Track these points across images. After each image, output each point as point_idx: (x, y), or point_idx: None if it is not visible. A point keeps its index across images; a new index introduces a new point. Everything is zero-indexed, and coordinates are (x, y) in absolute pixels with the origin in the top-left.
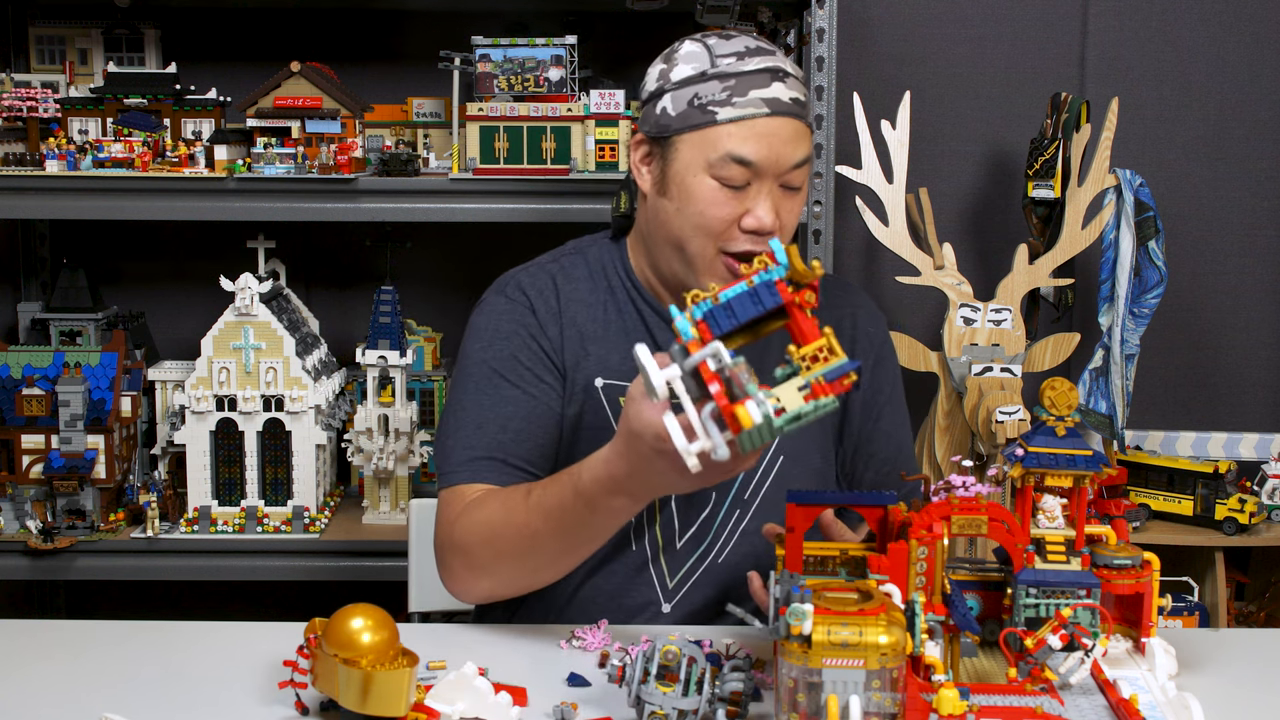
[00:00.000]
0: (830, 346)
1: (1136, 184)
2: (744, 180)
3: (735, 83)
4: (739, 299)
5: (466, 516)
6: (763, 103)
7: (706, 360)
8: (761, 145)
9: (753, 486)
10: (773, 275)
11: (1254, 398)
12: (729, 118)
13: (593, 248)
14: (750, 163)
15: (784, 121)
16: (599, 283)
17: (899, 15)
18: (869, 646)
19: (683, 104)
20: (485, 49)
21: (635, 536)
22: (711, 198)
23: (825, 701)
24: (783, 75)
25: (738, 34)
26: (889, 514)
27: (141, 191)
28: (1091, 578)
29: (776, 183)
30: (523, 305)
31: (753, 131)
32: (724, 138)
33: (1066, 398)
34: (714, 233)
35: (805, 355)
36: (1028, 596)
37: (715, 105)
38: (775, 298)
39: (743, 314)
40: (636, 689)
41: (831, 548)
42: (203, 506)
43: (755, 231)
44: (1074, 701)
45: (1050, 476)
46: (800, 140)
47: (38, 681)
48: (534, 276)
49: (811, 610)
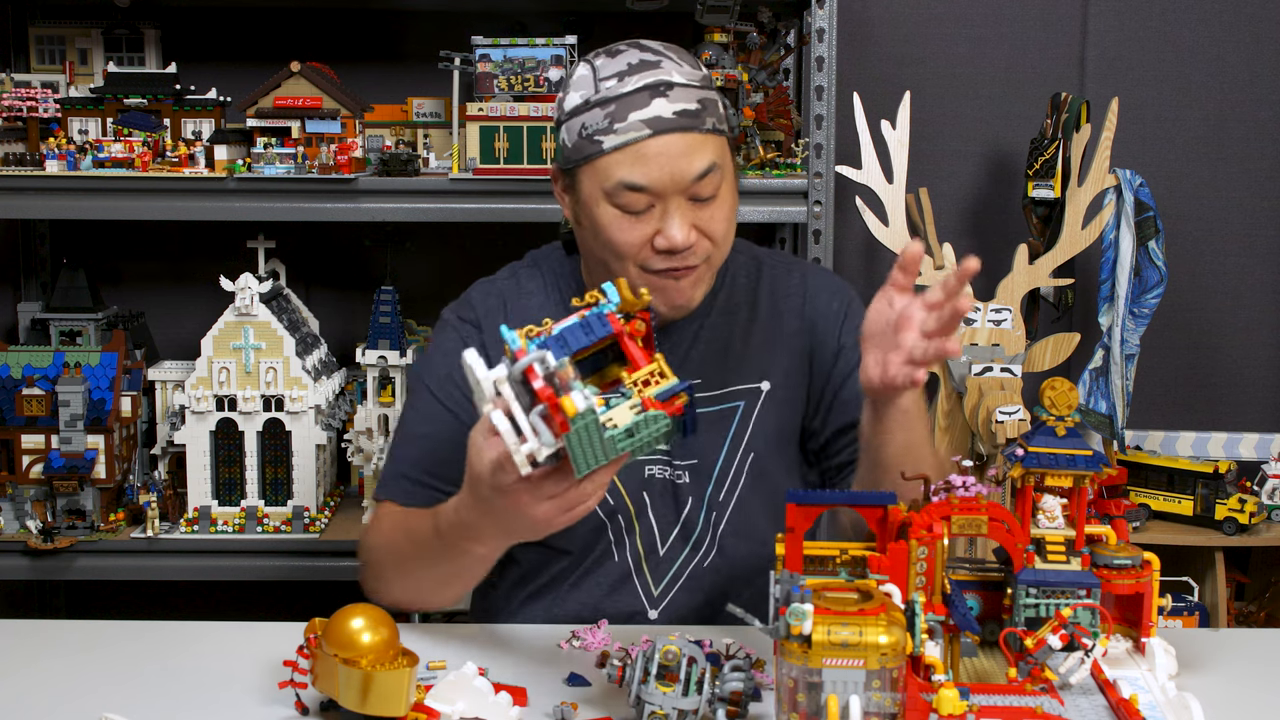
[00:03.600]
0: (661, 370)
1: (1136, 184)
2: (644, 204)
3: (615, 107)
4: (571, 330)
5: (372, 532)
6: (643, 124)
7: (533, 365)
8: (651, 168)
9: (726, 487)
10: (604, 308)
11: (1254, 398)
12: (613, 145)
13: (548, 260)
14: (642, 187)
15: (671, 139)
16: (552, 296)
17: (899, 15)
18: (869, 646)
19: (575, 135)
20: (485, 49)
21: (616, 548)
22: (617, 225)
23: (825, 701)
24: (664, 90)
25: (627, 49)
26: (889, 514)
27: (141, 191)
28: (1091, 578)
29: (684, 198)
30: (470, 324)
31: (638, 156)
32: (613, 166)
33: (1067, 398)
34: (630, 257)
35: (637, 380)
36: (1028, 596)
37: (600, 134)
38: (606, 327)
39: (575, 343)
40: (636, 689)
41: (831, 547)
42: (203, 506)
43: (669, 251)
44: (1074, 701)
45: (1050, 476)
46: (696, 152)
47: (38, 681)
48: (485, 294)
49: (811, 610)
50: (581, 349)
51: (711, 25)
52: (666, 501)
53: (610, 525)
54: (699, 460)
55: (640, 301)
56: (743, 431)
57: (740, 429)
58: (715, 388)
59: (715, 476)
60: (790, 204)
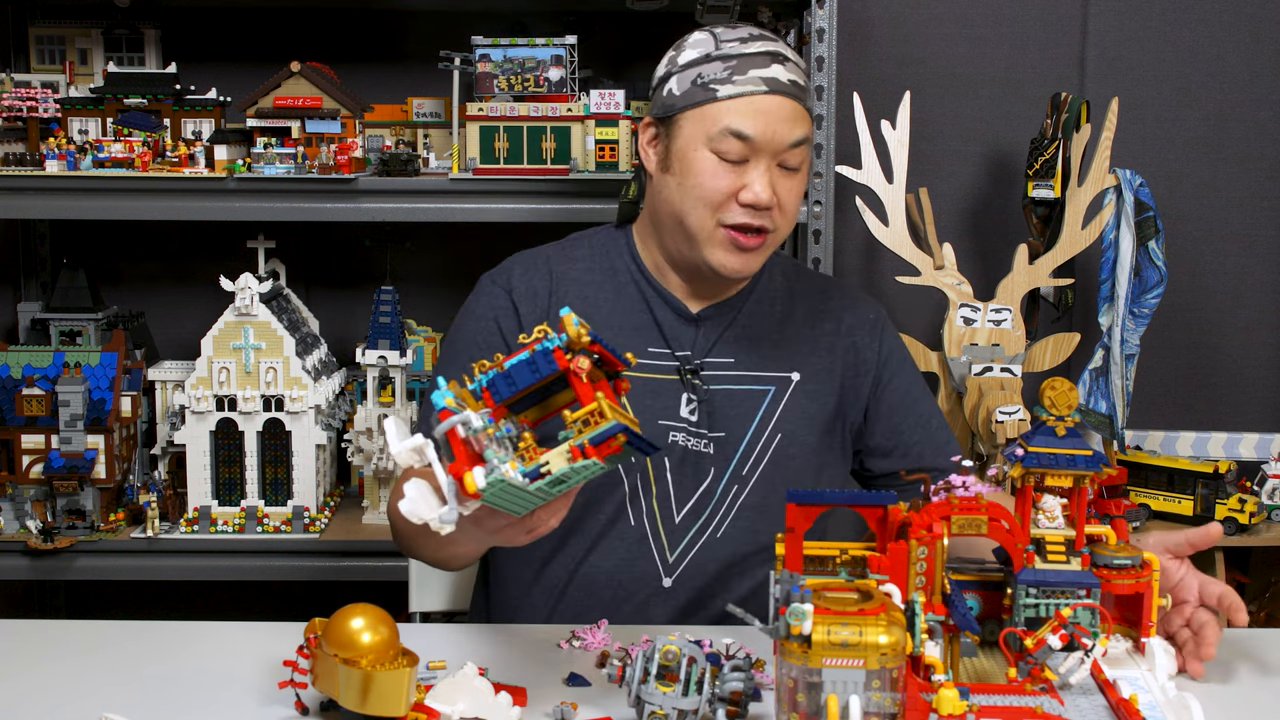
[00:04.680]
0: (600, 410)
1: (1136, 184)
2: (742, 155)
3: (737, 63)
4: (518, 367)
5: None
6: (761, 81)
7: (456, 427)
8: (759, 121)
9: (750, 462)
10: (550, 344)
11: (1254, 398)
12: (729, 94)
13: (595, 235)
14: (747, 137)
15: (782, 100)
16: (599, 262)
17: (899, 15)
18: (869, 646)
19: (687, 84)
20: (485, 49)
21: (633, 511)
22: (711, 170)
23: (825, 701)
24: (783, 59)
25: (745, 26)
26: (889, 514)
27: (141, 191)
28: (1091, 578)
29: (774, 160)
30: (501, 288)
31: (751, 108)
32: (724, 113)
33: (1066, 398)
34: (712, 204)
35: (577, 420)
36: (1027, 596)
37: (716, 83)
38: (552, 365)
39: (521, 381)
40: (636, 689)
41: (831, 547)
42: (203, 506)
43: (752, 205)
44: (1074, 702)
45: (1050, 476)
46: (798, 120)
47: (38, 681)
48: (529, 258)
49: (811, 610)
50: (528, 386)
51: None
52: (687, 470)
53: (626, 482)
54: (726, 434)
55: (584, 338)
56: (772, 412)
57: (770, 410)
58: (748, 369)
59: (741, 451)
60: None
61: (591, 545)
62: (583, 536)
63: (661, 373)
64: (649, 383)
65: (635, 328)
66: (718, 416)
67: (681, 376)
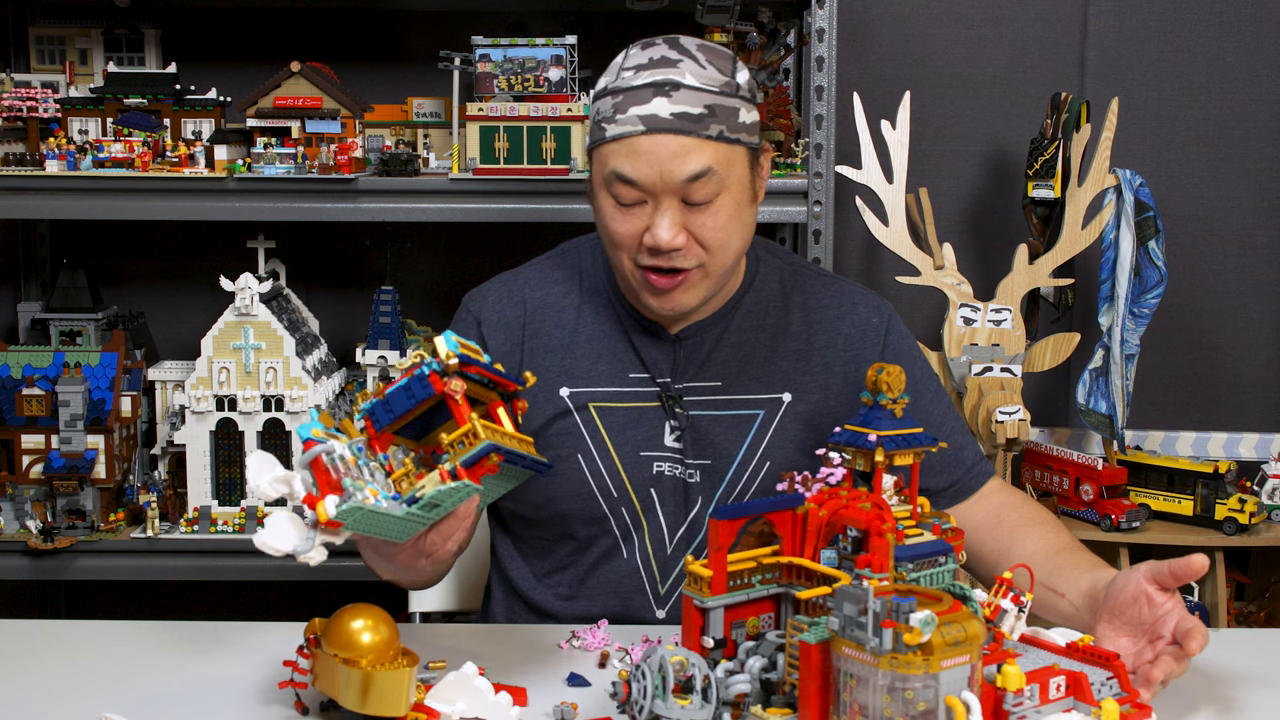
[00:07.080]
0: (474, 431)
1: (1136, 184)
2: (635, 198)
3: (621, 99)
4: (395, 394)
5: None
6: (639, 120)
7: (320, 456)
8: (640, 163)
9: (739, 490)
10: (426, 369)
11: (1254, 398)
12: (613, 135)
13: (580, 249)
14: (631, 180)
15: (663, 138)
16: (581, 282)
17: (899, 15)
18: (973, 640)
19: (592, 119)
20: (485, 49)
21: (625, 544)
22: (611, 214)
23: (943, 703)
24: (669, 89)
25: (661, 43)
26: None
27: (141, 191)
28: (946, 544)
29: (675, 199)
30: (473, 316)
31: (630, 149)
32: (610, 155)
33: (899, 379)
34: (622, 247)
35: (452, 441)
36: (911, 571)
37: (605, 122)
38: (428, 389)
39: (399, 408)
40: (652, 706)
41: (745, 558)
42: (203, 506)
43: (654, 249)
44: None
45: (898, 456)
46: (688, 155)
47: (38, 681)
48: (506, 284)
49: (935, 616)
50: (407, 411)
51: (711, 25)
52: (676, 500)
53: (614, 519)
54: (713, 461)
55: (453, 361)
56: (761, 439)
57: (759, 436)
58: (735, 392)
59: (728, 480)
60: (790, 204)
61: (584, 577)
62: (576, 570)
63: (643, 400)
64: (630, 411)
65: (614, 353)
66: (703, 444)
67: (663, 403)
